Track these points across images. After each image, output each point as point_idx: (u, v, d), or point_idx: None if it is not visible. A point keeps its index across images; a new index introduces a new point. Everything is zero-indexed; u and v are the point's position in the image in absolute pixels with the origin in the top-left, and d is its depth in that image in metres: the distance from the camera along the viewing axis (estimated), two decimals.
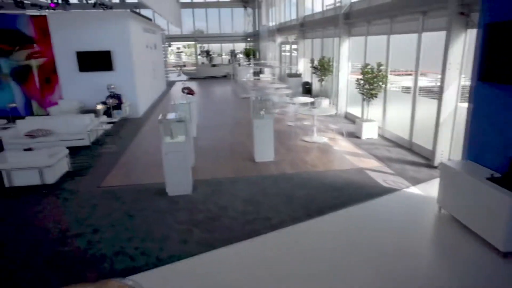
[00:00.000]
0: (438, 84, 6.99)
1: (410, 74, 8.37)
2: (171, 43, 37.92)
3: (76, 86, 11.90)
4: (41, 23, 11.28)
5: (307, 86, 15.00)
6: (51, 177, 6.01)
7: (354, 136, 9.34)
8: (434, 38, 7.36)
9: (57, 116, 8.87)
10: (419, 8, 7.32)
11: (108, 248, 4.46)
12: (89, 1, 24.27)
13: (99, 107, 8.26)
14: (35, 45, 11.47)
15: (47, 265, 4.18)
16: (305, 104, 10.88)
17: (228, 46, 34.58)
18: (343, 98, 11.74)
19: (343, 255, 4.26)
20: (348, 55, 11.35)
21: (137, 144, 9.16)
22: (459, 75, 6.48)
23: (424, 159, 7.42)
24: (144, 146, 8.95)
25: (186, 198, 5.80)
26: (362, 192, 5.91)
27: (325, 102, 12.68)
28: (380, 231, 4.77)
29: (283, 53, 22.24)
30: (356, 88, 9.16)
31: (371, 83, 8.75)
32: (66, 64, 11.69)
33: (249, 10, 32.47)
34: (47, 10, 15.42)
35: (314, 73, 12.66)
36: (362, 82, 8.96)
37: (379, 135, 9.26)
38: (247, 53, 29.30)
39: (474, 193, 4.42)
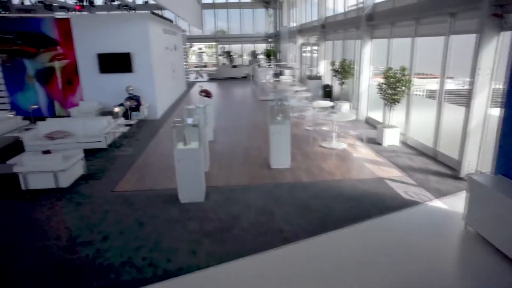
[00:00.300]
0: (466, 87, 6.59)
1: (435, 77, 7.95)
2: (193, 43, 38.24)
3: (96, 88, 12.06)
4: (64, 26, 11.49)
5: (327, 89, 14.66)
6: (65, 181, 6.02)
7: (374, 142, 8.99)
8: (461, 41, 6.94)
9: (76, 118, 8.97)
10: (447, 9, 6.91)
11: (116, 257, 4.37)
12: (113, 3, 24.92)
13: (116, 109, 8.29)
14: (58, 47, 11.69)
15: (55, 273, 4.14)
16: (324, 108, 10.58)
17: (249, 47, 34.51)
18: (364, 102, 11.36)
19: (359, 274, 4.01)
20: (370, 58, 10.96)
21: (153, 147, 9.14)
22: (489, 80, 6.05)
23: (449, 169, 7.01)
24: (160, 149, 8.92)
25: (198, 206, 5.67)
26: (382, 204, 5.61)
27: (345, 106, 12.31)
28: (399, 248, 4.47)
29: (303, 55, 21.92)
30: (378, 92, 8.80)
31: (393, 88, 8.38)
32: (87, 66, 11.86)
33: (271, 10, 32.27)
34: (70, 13, 15.74)
35: (334, 76, 12.33)
36: (384, 86, 8.59)
37: (401, 142, 8.87)
38: (268, 54, 29.12)
39: (504, 212, 4.06)
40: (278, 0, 26.77)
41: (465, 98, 6.71)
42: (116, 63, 11.83)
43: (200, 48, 48.25)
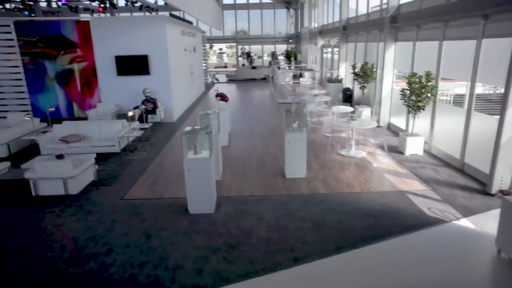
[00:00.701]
0: (497, 91, 6.08)
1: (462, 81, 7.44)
2: (213, 44, 38.33)
3: (114, 90, 12.09)
4: (84, 28, 11.57)
5: (347, 93, 14.17)
6: (75, 188, 5.92)
7: (396, 151, 8.53)
8: (494, 45, 6.42)
9: (91, 122, 8.95)
10: (480, 11, 6.40)
11: (119, 273, 4.20)
12: (135, 5, 25.21)
13: (130, 113, 8.20)
14: (77, 49, 11.78)
15: (57, 286, 4.00)
16: (344, 114, 10.18)
17: (269, 48, 34.22)
18: (386, 107, 10.87)
19: None
20: (393, 61, 10.46)
21: (167, 152, 9.01)
22: None
23: (478, 184, 6.51)
24: (174, 154, 8.77)
25: (208, 218, 5.45)
26: (403, 222, 5.21)
27: (366, 112, 11.85)
28: (421, 272, 4.09)
29: (324, 56, 21.44)
30: (401, 99, 8.34)
31: (418, 94, 7.90)
32: (105, 68, 11.91)
33: (292, 11, 31.87)
34: (90, 16, 15.87)
35: (355, 79, 11.88)
36: (407, 92, 8.13)
37: (425, 151, 8.37)
38: (288, 55, 28.75)
39: None
40: (300, 0, 26.34)
41: (496, 104, 6.20)
42: (133, 65, 11.82)
43: (220, 49, 48.45)
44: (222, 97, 10.33)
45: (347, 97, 14.23)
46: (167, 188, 6.67)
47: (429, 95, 7.84)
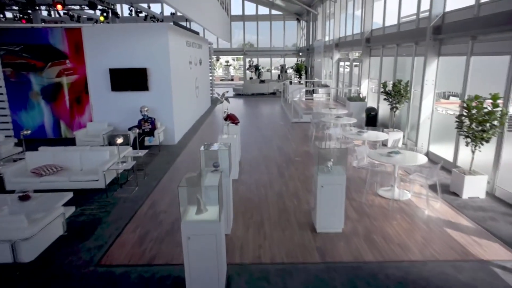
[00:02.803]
0: None
1: None
2: (220, 56, 37.15)
3: (107, 107, 10.56)
4: (74, 37, 10.12)
5: (371, 113, 12.51)
6: (29, 254, 4.27)
7: (448, 191, 6.82)
8: None
9: (72, 149, 7.35)
10: None
11: None
12: (140, 15, 23.97)
13: (119, 140, 6.62)
14: (67, 61, 10.31)
15: None
16: (377, 141, 8.52)
17: (277, 61, 32.84)
18: (425, 133, 9.19)
19: None
20: (435, 79, 8.84)
21: (165, 186, 7.37)
22: None
23: None
24: (173, 189, 7.12)
25: None
26: None
27: (397, 136, 10.20)
28: None
29: (340, 71, 19.89)
30: (457, 127, 6.67)
31: (480, 122, 6.24)
32: (97, 83, 10.40)
33: (303, 23, 30.57)
34: (81, 24, 14.44)
35: (386, 99, 10.27)
36: (464, 118, 6.48)
37: (487, 193, 6.65)
38: (298, 69, 27.27)
39: None
40: (312, 12, 24.99)
41: None
42: (130, 79, 10.30)
43: (227, 61, 47.27)
44: (232, 119, 8.74)
45: (371, 118, 12.57)
46: (161, 246, 5.00)
47: (495, 123, 6.18)
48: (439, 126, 8.87)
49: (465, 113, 6.50)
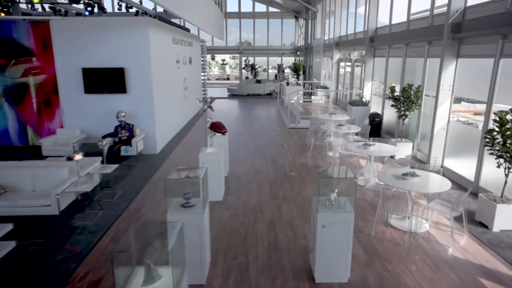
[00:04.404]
0: None
1: None
2: (214, 54, 36.00)
3: (80, 112, 9.35)
4: (42, 31, 8.89)
5: (376, 120, 11.36)
6: None
7: (472, 219, 5.68)
8: None
9: (23, 166, 6.13)
10: None
11: None
12: (130, 10, 22.63)
13: (78, 157, 5.44)
14: (34, 58, 9.08)
15: None
16: (385, 156, 7.35)
17: (274, 60, 31.64)
18: (439, 145, 8.05)
19: None
20: (453, 84, 7.70)
21: (135, 210, 6.18)
22: None
23: None
24: (143, 215, 5.95)
25: None
26: None
27: (406, 148, 9.08)
28: None
29: (340, 72, 18.73)
30: (486, 144, 5.52)
31: None
32: (69, 84, 9.19)
33: (301, 21, 29.40)
34: (49, 16, 13.05)
35: (394, 106, 9.13)
36: (496, 134, 5.34)
37: None
38: (296, 69, 26.07)
39: None
40: (311, 10, 23.79)
41: None
42: (105, 80, 9.10)
43: (223, 60, 46.02)
44: (219, 128, 7.57)
45: (375, 126, 11.43)
46: None
47: None
48: (456, 137, 7.74)
49: (497, 128, 5.36)
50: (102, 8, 17.77)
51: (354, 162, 7.24)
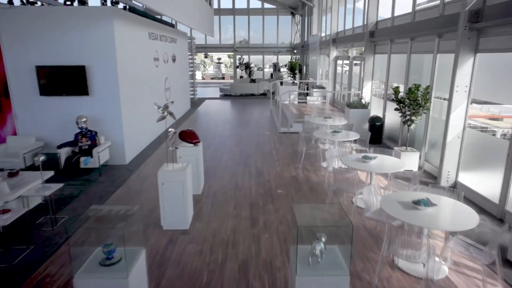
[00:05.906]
0: None
1: None
2: (207, 53, 34.78)
3: (36, 117, 8.10)
4: None
5: (376, 124, 10.10)
6: None
7: (505, 258, 4.44)
8: None
9: None
10: None
11: None
12: (117, 5, 21.31)
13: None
14: None
15: None
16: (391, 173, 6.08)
17: (270, 58, 30.37)
18: (453, 156, 6.79)
19: None
20: (470, 84, 6.45)
21: (81, 241, 4.92)
22: None
23: None
24: (88, 251, 4.69)
25: None
26: None
27: (412, 158, 7.84)
28: None
29: (338, 71, 17.47)
30: None
31: None
32: (21, 84, 7.93)
33: (298, 17, 28.13)
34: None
35: (397, 109, 7.88)
36: None
37: None
38: (292, 68, 24.81)
39: None
40: (308, 5, 22.51)
41: None
42: (64, 81, 7.85)
43: (219, 58, 44.76)
44: (189, 138, 6.32)
45: (376, 130, 10.16)
46: None
47: None
48: (475, 148, 6.49)
49: None
50: (83, 2, 16.48)
51: (352, 178, 5.96)
